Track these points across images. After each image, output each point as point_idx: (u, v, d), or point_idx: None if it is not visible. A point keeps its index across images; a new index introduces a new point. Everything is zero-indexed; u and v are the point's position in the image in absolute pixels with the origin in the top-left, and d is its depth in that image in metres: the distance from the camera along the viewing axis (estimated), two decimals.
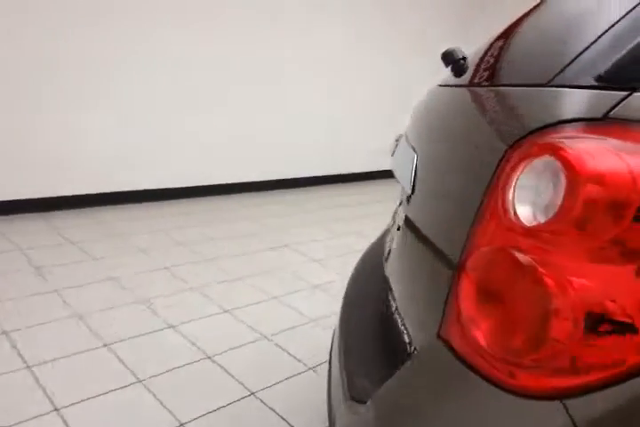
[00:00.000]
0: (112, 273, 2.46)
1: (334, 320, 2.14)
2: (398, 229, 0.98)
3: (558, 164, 0.46)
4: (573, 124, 0.49)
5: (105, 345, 1.84)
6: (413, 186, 0.77)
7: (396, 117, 4.96)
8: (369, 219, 3.67)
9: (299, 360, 1.85)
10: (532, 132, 0.51)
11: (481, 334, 0.53)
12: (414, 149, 0.80)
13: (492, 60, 0.75)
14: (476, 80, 0.74)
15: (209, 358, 1.82)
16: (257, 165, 4.14)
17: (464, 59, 0.97)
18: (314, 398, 1.61)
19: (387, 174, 5.09)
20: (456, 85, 0.82)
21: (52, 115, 3.15)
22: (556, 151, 0.46)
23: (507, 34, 0.84)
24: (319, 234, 3.28)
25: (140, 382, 1.64)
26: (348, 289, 1.06)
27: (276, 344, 1.94)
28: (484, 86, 0.68)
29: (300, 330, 2.07)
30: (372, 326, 0.85)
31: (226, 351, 1.86)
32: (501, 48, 0.77)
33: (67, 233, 2.98)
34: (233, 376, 1.71)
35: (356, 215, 3.78)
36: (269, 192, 4.24)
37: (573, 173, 0.44)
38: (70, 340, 1.86)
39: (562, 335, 0.46)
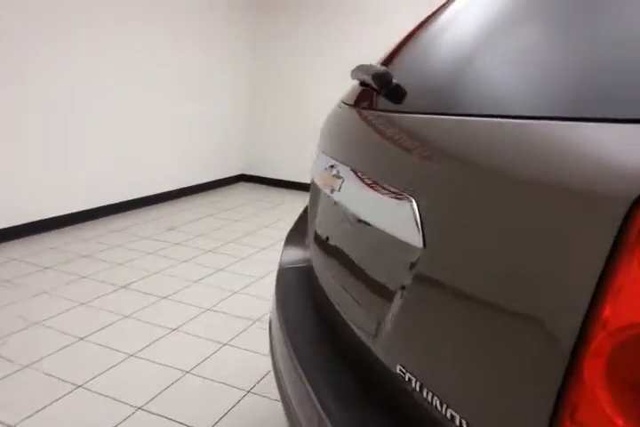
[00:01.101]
0: None
1: (212, 364, 1.89)
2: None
3: None
4: None
5: None
6: (424, 239, 0.64)
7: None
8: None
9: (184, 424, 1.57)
10: None
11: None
12: (410, 195, 0.66)
13: (492, 83, 0.65)
14: (479, 110, 0.63)
15: None
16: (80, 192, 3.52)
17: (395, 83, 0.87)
18: None
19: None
20: (436, 114, 0.71)
21: None
22: None
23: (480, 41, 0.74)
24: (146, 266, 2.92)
25: None
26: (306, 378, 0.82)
27: (154, 413, 1.62)
28: (511, 119, 0.58)
29: (176, 389, 1.77)
30: None
31: None
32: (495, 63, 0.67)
33: None
34: None
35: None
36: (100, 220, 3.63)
37: None
38: None
39: None
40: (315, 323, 0.99)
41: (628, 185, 0.44)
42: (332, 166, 0.92)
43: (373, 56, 2.98)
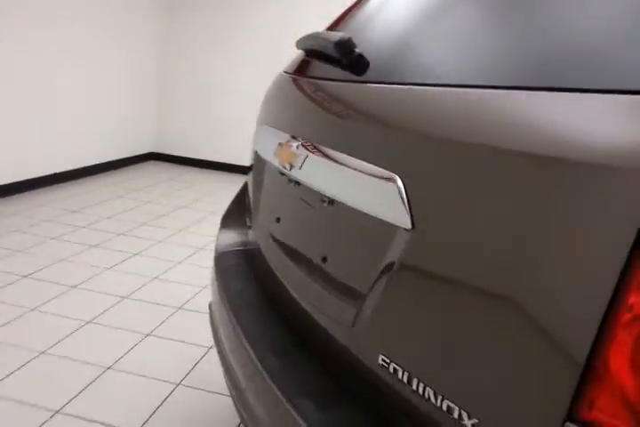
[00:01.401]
0: None
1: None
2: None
3: None
4: None
5: None
6: (412, 219, 0.58)
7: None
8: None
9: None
10: None
11: None
12: (394, 171, 0.60)
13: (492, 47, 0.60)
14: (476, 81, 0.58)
15: None
16: None
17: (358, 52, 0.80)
18: None
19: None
20: (417, 84, 0.65)
21: None
22: None
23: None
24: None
25: None
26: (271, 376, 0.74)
27: (74, 415, 1.47)
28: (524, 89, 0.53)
29: (97, 388, 1.62)
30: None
31: None
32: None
33: None
34: None
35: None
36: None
37: None
38: None
39: None
40: (268, 310, 0.92)
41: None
42: (288, 141, 0.84)
43: (295, 33, 2.87)
